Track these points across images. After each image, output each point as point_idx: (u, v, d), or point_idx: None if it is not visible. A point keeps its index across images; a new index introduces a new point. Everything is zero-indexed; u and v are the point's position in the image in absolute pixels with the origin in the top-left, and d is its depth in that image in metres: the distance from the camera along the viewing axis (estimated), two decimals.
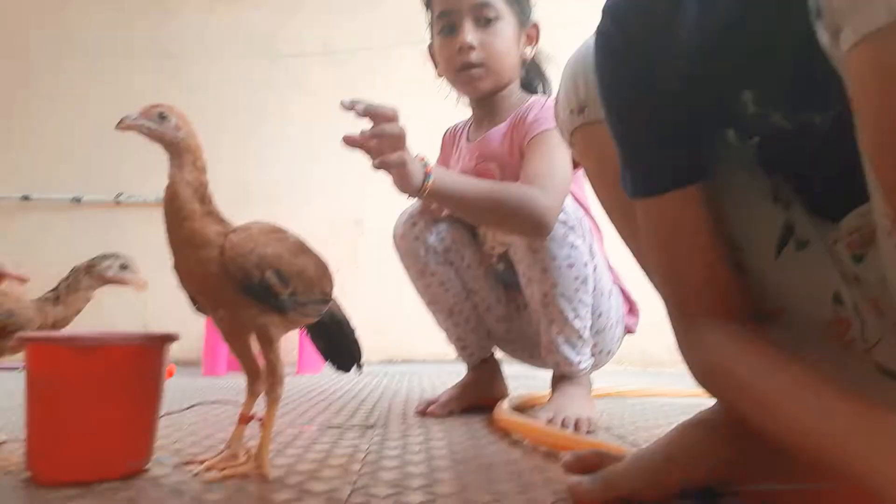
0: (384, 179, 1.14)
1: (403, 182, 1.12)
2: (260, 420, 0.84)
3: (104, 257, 1.14)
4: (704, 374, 0.69)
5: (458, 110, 1.59)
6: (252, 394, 0.87)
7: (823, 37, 0.45)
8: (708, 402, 0.76)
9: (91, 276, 1.12)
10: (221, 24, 3.49)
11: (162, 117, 0.79)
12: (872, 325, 0.70)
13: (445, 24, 1.40)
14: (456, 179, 1.21)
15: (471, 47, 1.36)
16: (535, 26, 1.46)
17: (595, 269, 1.33)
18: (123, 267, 1.14)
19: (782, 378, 0.58)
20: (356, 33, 3.47)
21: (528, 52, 1.46)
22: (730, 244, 0.74)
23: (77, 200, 3.29)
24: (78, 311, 1.14)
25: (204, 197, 0.80)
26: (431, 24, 1.47)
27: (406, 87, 3.38)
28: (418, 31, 1.54)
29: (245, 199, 3.30)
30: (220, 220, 0.81)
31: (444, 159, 1.63)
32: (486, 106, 1.48)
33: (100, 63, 3.39)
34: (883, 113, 0.43)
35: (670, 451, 0.73)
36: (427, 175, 1.13)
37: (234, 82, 3.44)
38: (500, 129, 1.43)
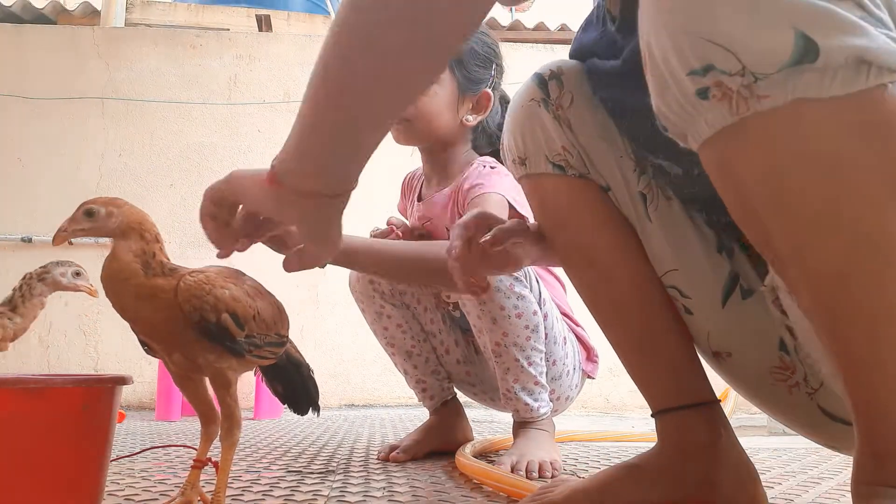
0: (344, 222, 1.11)
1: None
2: (215, 464, 0.81)
3: (58, 264, 1.12)
4: None
5: (415, 160, 1.60)
6: (207, 438, 0.84)
7: (676, 138, 0.55)
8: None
9: (45, 282, 1.10)
10: (181, 69, 3.48)
11: (89, 214, 0.77)
12: (814, 373, 0.72)
13: None
14: (366, 241, 1.18)
15: None
16: (486, 94, 1.41)
17: (546, 318, 1.33)
18: (77, 274, 1.13)
19: None
20: None
21: (471, 118, 1.40)
22: (678, 292, 0.77)
23: (28, 240, 3.21)
24: (34, 319, 1.13)
25: (148, 264, 0.77)
26: None
27: None
28: None
29: (204, 242, 3.25)
30: (172, 273, 0.79)
31: (403, 206, 1.63)
32: (436, 164, 1.47)
33: (54, 105, 3.34)
34: (727, 194, 0.54)
35: (603, 489, 0.78)
36: None
37: (194, 126, 3.42)
38: (444, 193, 1.43)
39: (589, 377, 1.48)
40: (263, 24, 3.90)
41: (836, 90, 0.45)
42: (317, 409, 0.99)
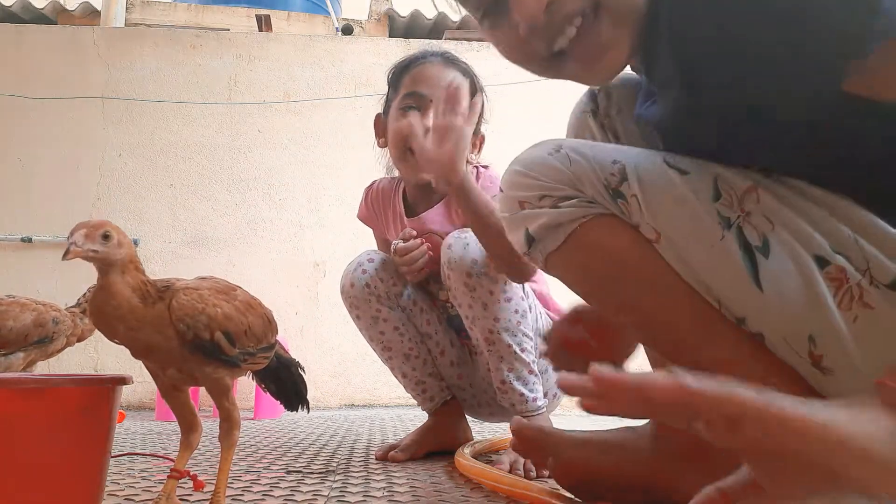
0: (344, 222, 1.13)
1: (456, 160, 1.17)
2: (193, 477, 0.83)
3: None
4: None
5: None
6: (188, 447, 0.84)
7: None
8: None
9: None
10: (181, 69, 3.48)
11: (106, 237, 0.75)
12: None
13: (413, 104, 1.43)
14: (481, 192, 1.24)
15: None
16: (482, 137, 1.54)
17: (531, 308, 1.36)
18: None
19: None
20: (317, 84, 3.49)
21: (473, 157, 1.51)
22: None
23: (28, 240, 3.21)
24: None
25: (147, 294, 0.78)
26: (389, 99, 1.52)
27: (365, 138, 3.41)
28: (376, 84, 1.57)
29: (204, 242, 3.26)
30: (166, 292, 0.80)
31: (367, 215, 1.64)
32: (423, 188, 1.49)
33: (54, 105, 3.34)
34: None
35: (605, 444, 0.89)
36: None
37: (194, 126, 3.42)
38: (440, 207, 1.47)
39: None
40: (263, 24, 3.90)
41: (550, 248, 0.78)
42: (306, 404, 1.02)
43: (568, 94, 1.01)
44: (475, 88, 1.47)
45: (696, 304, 0.71)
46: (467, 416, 1.55)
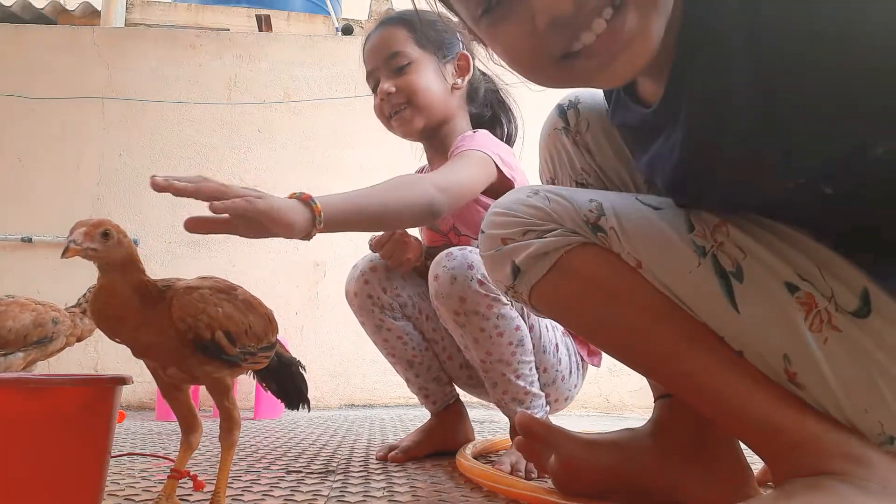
0: None
1: (286, 228, 0.98)
2: (193, 477, 0.83)
3: None
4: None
5: (416, 155, 1.61)
6: (188, 447, 0.84)
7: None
8: None
9: None
10: (181, 69, 3.48)
11: (105, 236, 0.75)
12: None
13: (371, 84, 1.48)
14: (346, 200, 1.14)
15: (388, 93, 1.41)
16: (464, 55, 1.47)
17: (532, 329, 1.30)
18: None
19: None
20: (317, 84, 3.49)
21: (459, 81, 1.47)
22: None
23: (28, 240, 3.21)
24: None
25: (148, 293, 0.78)
26: None
27: (365, 138, 3.41)
28: None
29: (204, 242, 3.25)
30: (166, 291, 0.80)
31: None
32: (434, 145, 1.50)
33: (54, 105, 3.34)
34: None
35: (609, 444, 0.91)
36: (315, 213, 1.06)
37: (194, 126, 3.41)
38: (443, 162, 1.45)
39: (593, 365, 1.47)
40: (263, 24, 3.90)
41: (536, 278, 0.80)
42: (307, 403, 1.02)
43: (565, 93, 1.01)
44: (421, 35, 1.43)
45: (685, 320, 0.73)
46: (484, 408, 1.54)
